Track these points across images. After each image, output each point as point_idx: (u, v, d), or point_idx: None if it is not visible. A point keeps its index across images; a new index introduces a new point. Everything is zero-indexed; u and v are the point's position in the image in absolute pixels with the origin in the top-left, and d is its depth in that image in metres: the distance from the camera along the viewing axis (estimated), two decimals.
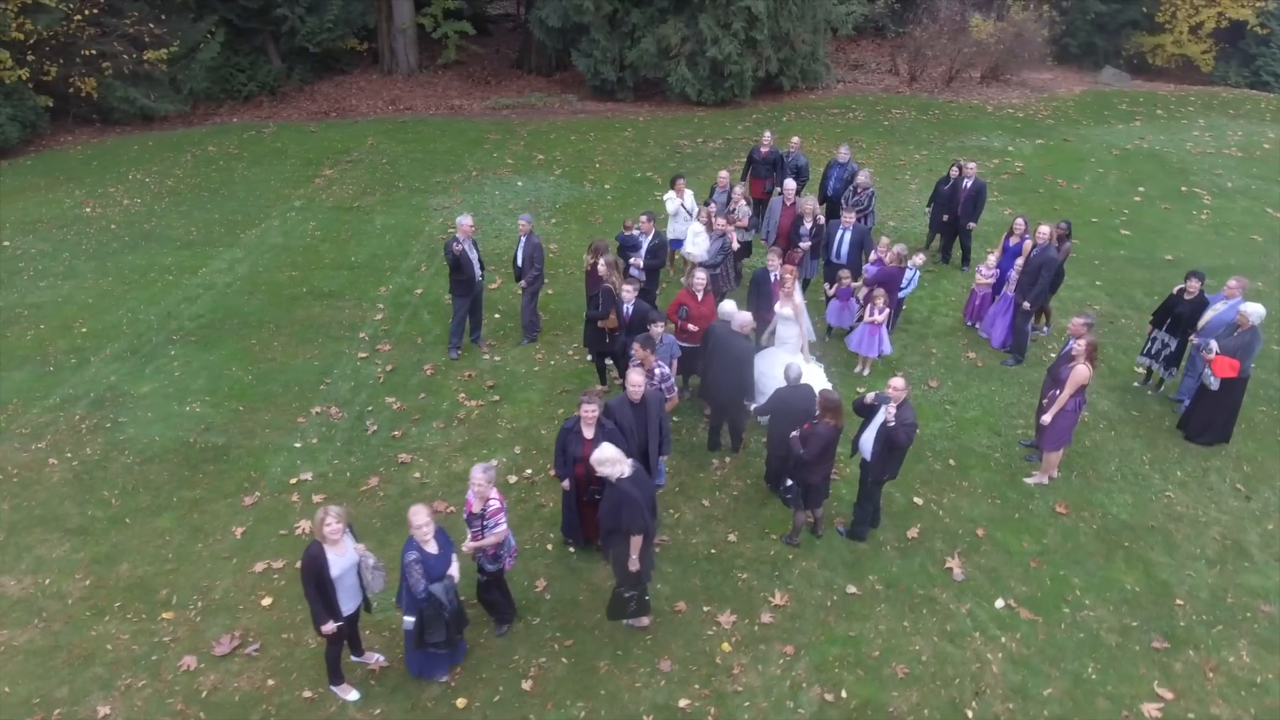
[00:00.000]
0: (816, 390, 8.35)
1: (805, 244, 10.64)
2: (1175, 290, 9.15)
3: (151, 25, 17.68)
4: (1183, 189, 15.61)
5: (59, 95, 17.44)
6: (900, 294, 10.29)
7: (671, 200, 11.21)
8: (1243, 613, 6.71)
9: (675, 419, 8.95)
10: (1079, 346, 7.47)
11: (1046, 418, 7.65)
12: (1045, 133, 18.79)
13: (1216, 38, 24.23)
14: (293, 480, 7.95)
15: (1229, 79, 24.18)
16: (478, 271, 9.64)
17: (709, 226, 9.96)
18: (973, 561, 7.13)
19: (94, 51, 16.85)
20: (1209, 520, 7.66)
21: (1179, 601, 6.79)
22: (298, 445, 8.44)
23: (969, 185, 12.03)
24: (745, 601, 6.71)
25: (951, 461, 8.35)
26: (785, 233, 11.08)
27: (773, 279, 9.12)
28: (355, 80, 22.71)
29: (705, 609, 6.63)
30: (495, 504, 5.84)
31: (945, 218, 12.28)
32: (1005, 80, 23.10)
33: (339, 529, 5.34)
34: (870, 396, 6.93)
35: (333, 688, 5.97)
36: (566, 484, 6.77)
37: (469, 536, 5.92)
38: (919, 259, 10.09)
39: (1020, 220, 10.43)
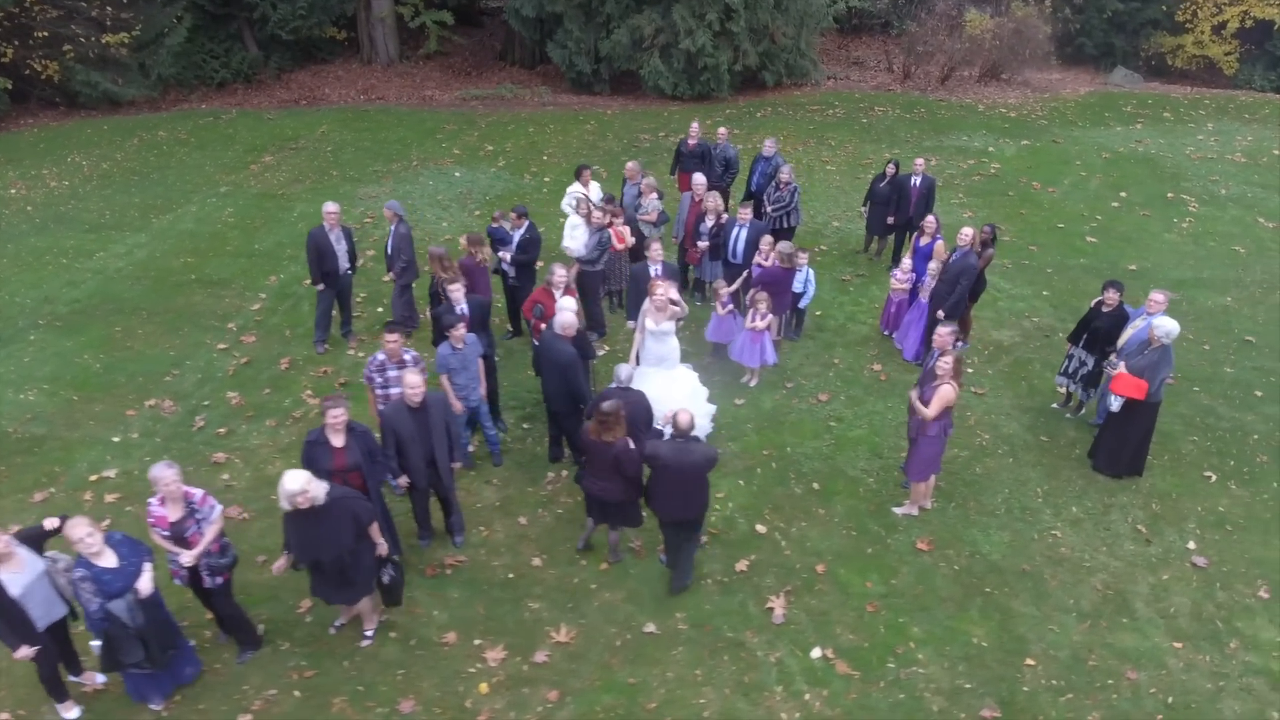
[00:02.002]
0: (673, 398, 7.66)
1: (703, 243, 9.83)
2: (1094, 302, 8.13)
3: (110, 8, 17.54)
4: (1169, 195, 14.33)
5: (20, 78, 17.44)
6: (802, 303, 9.44)
7: (574, 194, 10.48)
8: (1103, 679, 5.73)
9: (525, 426, 8.25)
10: (944, 364, 6.55)
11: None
12: (1034, 134, 17.57)
13: (1242, 39, 22.59)
14: (94, 478, 7.44)
15: (1254, 82, 22.50)
16: (344, 262, 9.05)
17: (588, 220, 9.20)
18: (801, 602, 6.27)
19: (48, 34, 16.76)
20: (1095, 566, 6.67)
21: (1030, 661, 5.84)
22: (116, 440, 7.94)
23: (918, 183, 11.09)
24: (525, 636, 5.96)
25: (816, 485, 7.48)
26: (692, 230, 10.29)
27: (653, 274, 8.36)
28: (333, 69, 22.44)
29: (476, 642, 5.90)
30: (198, 493, 5.27)
31: (891, 219, 11.36)
32: (1005, 80, 21.80)
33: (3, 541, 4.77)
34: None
35: (57, 705, 5.40)
36: None
37: (189, 544, 5.31)
38: (803, 258, 9.18)
39: (931, 218, 9.48)
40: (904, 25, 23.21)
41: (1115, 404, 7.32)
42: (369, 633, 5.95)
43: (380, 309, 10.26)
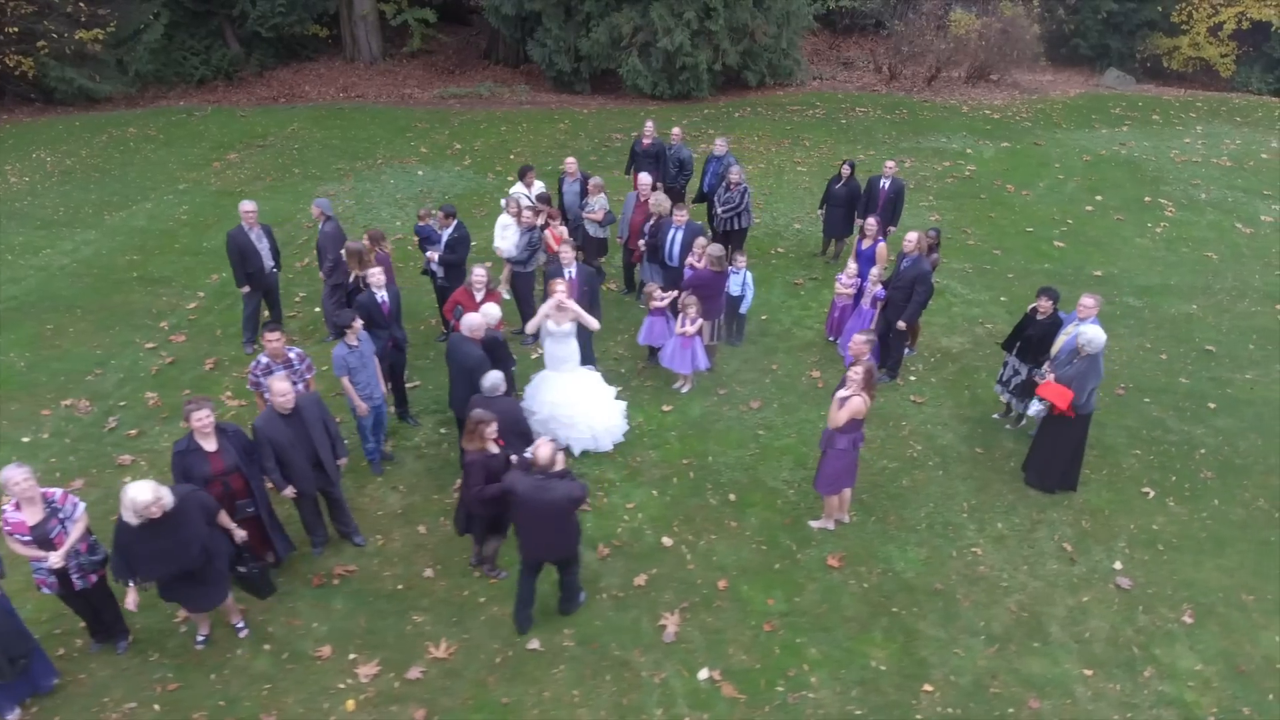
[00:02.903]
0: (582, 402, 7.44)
1: (642, 243, 9.59)
2: (1029, 309, 7.82)
3: (85, 4, 17.51)
4: (1146, 199, 13.94)
5: None
6: (742, 308, 9.16)
7: (517, 194, 10.25)
8: (1004, 707, 5.44)
9: (443, 430, 8.04)
10: (855, 374, 6.27)
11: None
12: (1016, 135, 17.19)
13: (1239, 40, 22.08)
14: None
15: (1251, 84, 21.99)
16: (268, 261, 8.88)
17: (518, 219, 8.97)
18: (697, 620, 6.02)
19: (19, 30, 16.74)
20: (1012, 586, 6.37)
21: (928, 687, 5.56)
22: (26, 440, 7.79)
23: (887, 186, 10.80)
24: (403, 651, 5.74)
25: (732, 496, 7.21)
26: (637, 230, 10.04)
27: (566, 276, 8.11)
28: (316, 67, 22.37)
29: (351, 656, 5.69)
30: (57, 493, 5.09)
31: (858, 221, 11.08)
32: (994, 81, 21.42)
33: None
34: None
35: None
36: None
37: (54, 546, 5.13)
38: (741, 261, 8.90)
39: (872, 220, 9.19)
40: (893, 25, 22.88)
41: (1034, 408, 6.99)
42: (240, 624, 5.82)
43: (318, 309, 10.08)
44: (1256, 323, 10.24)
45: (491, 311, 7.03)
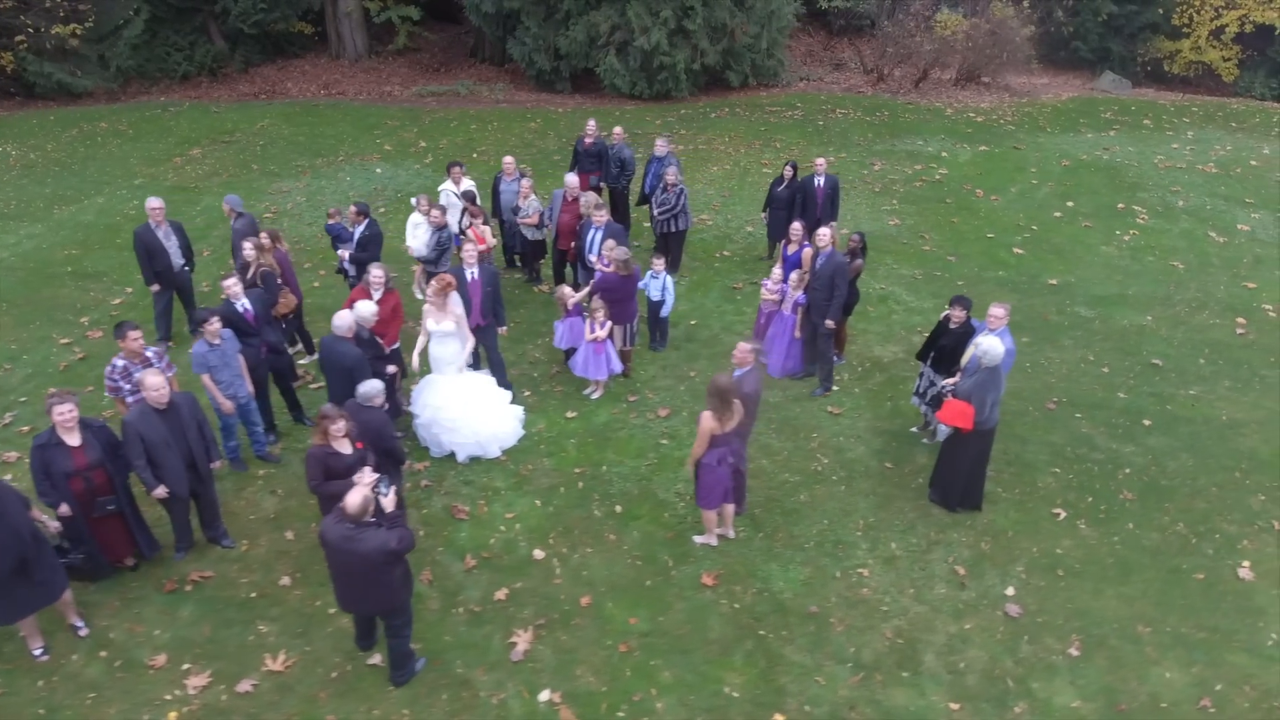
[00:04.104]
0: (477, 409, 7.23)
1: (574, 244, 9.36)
2: (941, 317, 7.47)
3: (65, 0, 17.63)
4: (1119, 206, 13.45)
5: None
6: (662, 312, 8.89)
7: (445, 191, 10.08)
8: None
9: None
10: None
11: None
12: (996, 139, 16.73)
13: (1243, 44, 21.42)
14: None
15: (1254, 90, 21.30)
16: (177, 259, 8.75)
17: (429, 217, 8.77)
18: (552, 638, 5.76)
19: None
20: (893, 610, 6.04)
21: (779, 717, 5.25)
22: None
23: (822, 183, 10.51)
24: (239, 662, 5.54)
25: (618, 508, 6.94)
26: (566, 231, 9.82)
27: (469, 279, 7.88)
28: (300, 64, 22.37)
29: (185, 666, 5.50)
30: None
31: (800, 223, 10.78)
32: (984, 83, 20.92)
33: None
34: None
35: None
36: (65, 509, 5.70)
37: None
38: (658, 264, 8.62)
39: (797, 224, 8.87)
40: (882, 26, 22.45)
41: (941, 431, 6.68)
42: (79, 624, 5.68)
43: None
44: (1211, 336, 9.78)
45: (363, 309, 6.82)
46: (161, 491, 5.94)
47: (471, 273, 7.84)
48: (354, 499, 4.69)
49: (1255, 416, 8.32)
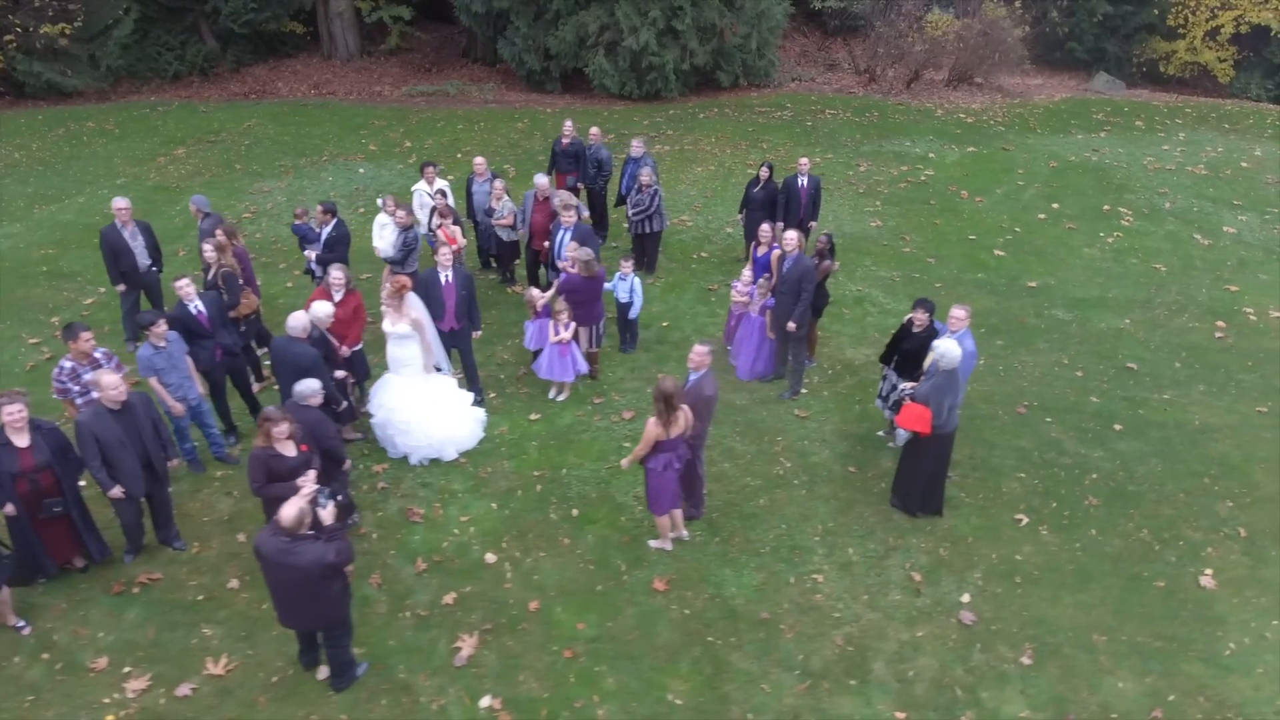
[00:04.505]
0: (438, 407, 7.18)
1: (548, 243, 9.31)
2: (905, 320, 7.39)
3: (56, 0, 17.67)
4: (1105, 208, 13.34)
5: None
6: (631, 314, 8.83)
7: (418, 191, 10.03)
8: None
9: None
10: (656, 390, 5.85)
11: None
12: (985, 140, 16.61)
13: (1239, 45, 21.22)
14: None
15: (1250, 91, 21.12)
16: (143, 259, 8.73)
17: (395, 217, 8.72)
18: (498, 643, 5.70)
19: None
20: (845, 617, 5.96)
21: None
22: None
23: (805, 183, 10.45)
24: (180, 666, 5.50)
25: (575, 512, 6.89)
26: (539, 231, 9.76)
27: (443, 282, 7.83)
28: (291, 64, 22.38)
29: (126, 670, 5.46)
30: None
31: (782, 223, 10.74)
32: (976, 84, 20.79)
33: None
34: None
35: None
36: (9, 509, 5.67)
37: None
38: (626, 266, 8.57)
39: (766, 226, 8.79)
40: (875, 26, 22.34)
41: (899, 437, 6.61)
42: (21, 624, 5.69)
43: None
44: (1189, 339, 9.67)
45: (319, 310, 6.77)
46: (117, 492, 5.91)
47: (446, 275, 7.75)
48: (288, 511, 4.61)
49: (1228, 421, 8.22)
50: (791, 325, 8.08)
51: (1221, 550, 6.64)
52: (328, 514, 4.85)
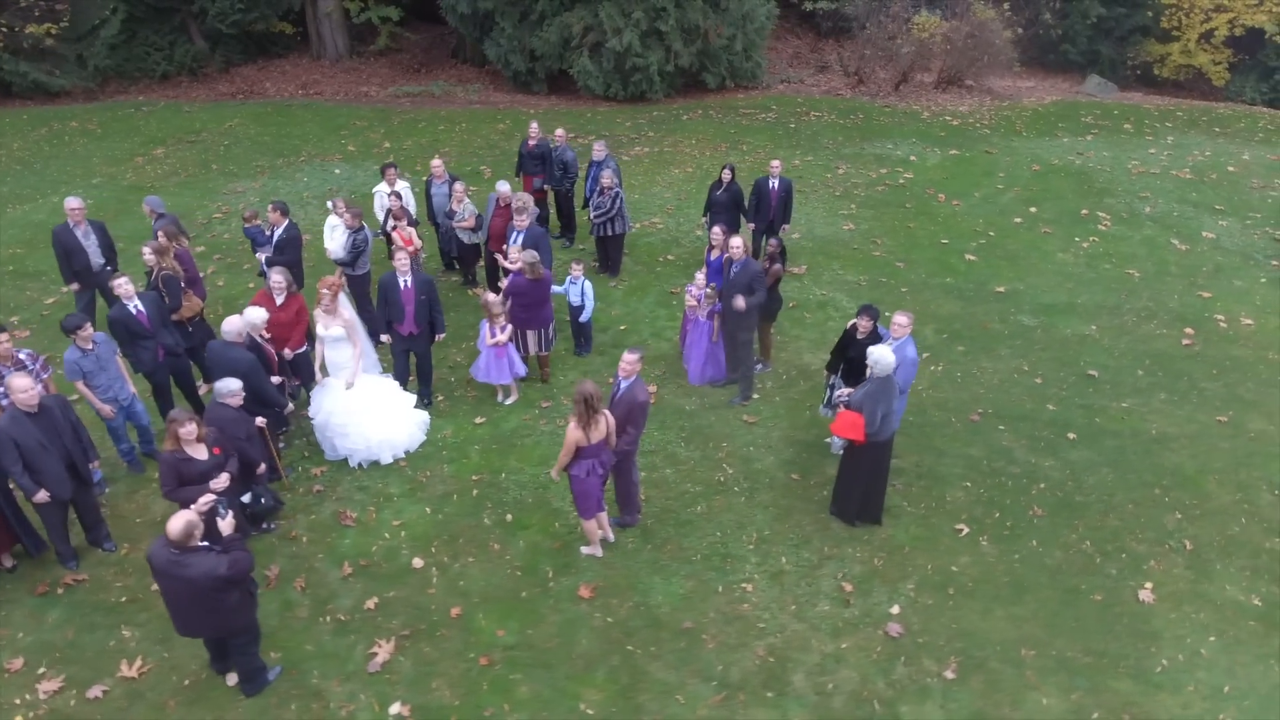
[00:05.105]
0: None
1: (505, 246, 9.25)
2: (848, 326, 7.30)
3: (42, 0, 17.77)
4: (1084, 212, 13.18)
5: None
6: (582, 317, 8.77)
7: (379, 193, 10.01)
8: None
9: None
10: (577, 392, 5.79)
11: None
12: (968, 143, 16.47)
13: (1234, 48, 21.01)
14: None
15: (1245, 94, 20.89)
16: (96, 258, 8.73)
17: (344, 219, 8.68)
18: (415, 649, 5.65)
19: None
20: (770, 628, 5.88)
21: None
22: None
23: (776, 185, 10.39)
24: (96, 668, 5.47)
25: (509, 517, 6.83)
26: (498, 235, 9.70)
27: (402, 287, 7.76)
28: (280, 64, 22.43)
29: (40, 671, 5.44)
30: None
31: (752, 225, 10.70)
32: (967, 87, 20.64)
33: None
34: None
35: None
36: None
37: None
38: (576, 270, 8.51)
39: (718, 229, 8.71)
40: (865, 27, 22.21)
41: (835, 445, 6.52)
42: None
43: None
44: (1155, 346, 9.53)
45: (252, 315, 6.73)
46: (43, 496, 5.89)
47: (405, 280, 7.67)
48: (175, 524, 4.54)
49: (1187, 431, 8.09)
50: (739, 302, 7.85)
51: (1165, 564, 6.53)
52: (226, 525, 4.80)
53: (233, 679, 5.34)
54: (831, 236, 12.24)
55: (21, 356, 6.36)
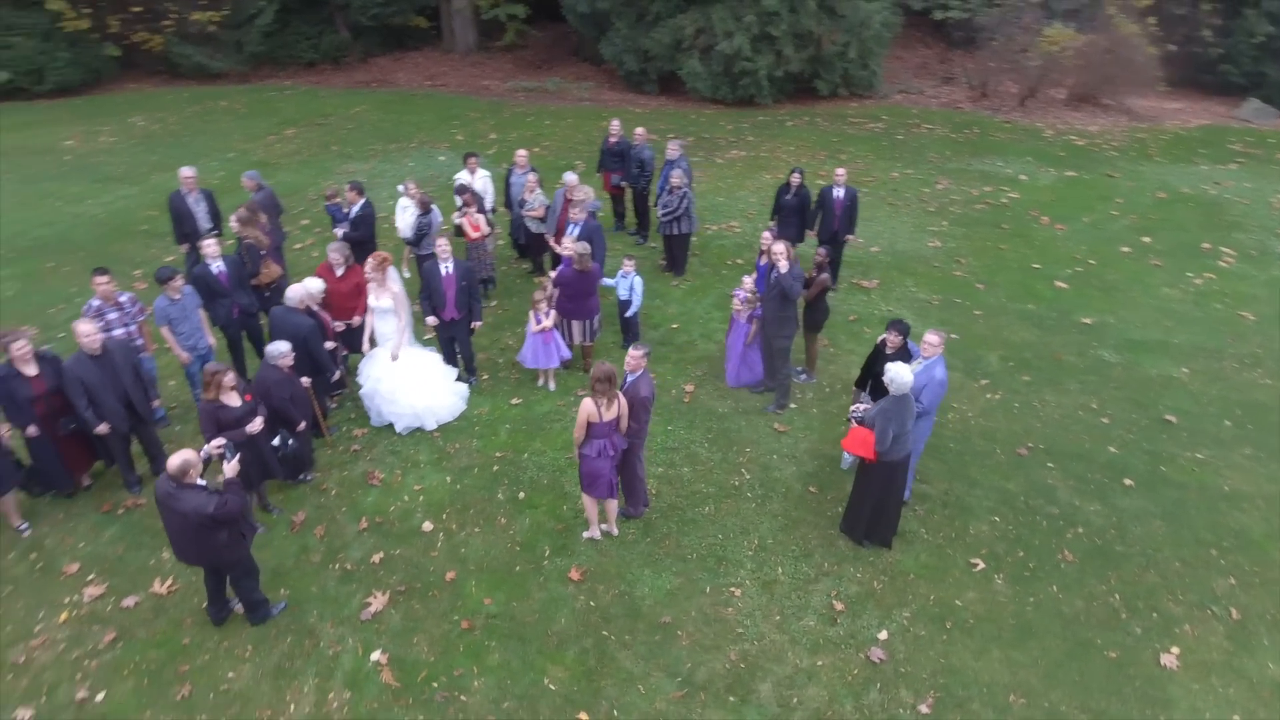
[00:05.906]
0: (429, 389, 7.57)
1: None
2: (878, 341, 7.07)
3: None
4: (1205, 246, 12.09)
5: (129, 48, 20.06)
6: (628, 312, 8.91)
7: (462, 179, 10.53)
8: None
9: None
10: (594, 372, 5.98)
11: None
12: (1090, 165, 15.41)
13: None
14: None
15: None
16: (203, 223, 9.68)
17: (414, 201, 9.20)
18: (406, 605, 5.98)
19: (141, 9, 19.13)
20: (749, 634, 5.82)
21: (583, 716, 5.21)
22: None
23: (841, 195, 10.22)
24: (134, 581, 6.12)
25: (521, 495, 7.07)
26: (562, 229, 10.01)
27: (443, 274, 8.19)
28: (414, 56, 23.86)
29: (90, 577, 6.14)
30: None
31: (809, 231, 10.55)
32: (1101, 104, 19.26)
33: None
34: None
35: None
36: (33, 429, 6.53)
37: None
38: (628, 265, 8.63)
39: (767, 234, 8.61)
40: (994, 39, 21.12)
41: (845, 461, 6.35)
42: (23, 525, 6.56)
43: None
44: (1252, 396, 8.65)
45: (311, 285, 7.30)
46: (103, 428, 6.66)
47: (446, 267, 8.08)
48: (174, 460, 5.03)
49: (1265, 491, 7.32)
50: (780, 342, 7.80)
51: (1201, 629, 5.96)
52: (230, 468, 5.29)
53: (240, 606, 5.87)
54: (912, 252, 11.82)
55: (122, 300, 7.21)
